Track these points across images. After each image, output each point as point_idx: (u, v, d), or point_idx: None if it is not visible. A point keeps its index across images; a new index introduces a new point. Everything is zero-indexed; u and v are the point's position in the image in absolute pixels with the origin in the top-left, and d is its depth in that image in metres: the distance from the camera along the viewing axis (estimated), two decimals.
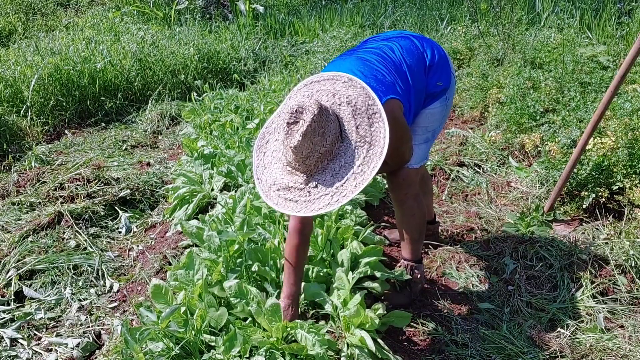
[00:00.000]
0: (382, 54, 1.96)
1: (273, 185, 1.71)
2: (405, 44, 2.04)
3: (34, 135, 4.72)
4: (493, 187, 3.27)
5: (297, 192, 1.65)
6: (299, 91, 1.79)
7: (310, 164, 1.62)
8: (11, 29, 8.55)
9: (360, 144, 1.63)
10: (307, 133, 1.57)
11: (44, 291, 2.57)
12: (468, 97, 4.39)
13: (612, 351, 2.02)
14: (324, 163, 1.64)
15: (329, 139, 1.61)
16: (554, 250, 2.57)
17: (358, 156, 1.62)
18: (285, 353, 1.87)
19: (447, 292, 2.44)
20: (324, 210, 1.60)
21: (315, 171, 1.64)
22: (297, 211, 1.63)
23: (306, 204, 1.63)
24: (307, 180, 1.64)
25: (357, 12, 7.16)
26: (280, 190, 1.68)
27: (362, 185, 1.58)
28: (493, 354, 2.05)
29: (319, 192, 1.62)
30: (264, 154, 1.80)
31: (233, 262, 2.27)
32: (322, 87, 1.75)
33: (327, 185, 1.61)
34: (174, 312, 1.88)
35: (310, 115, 1.57)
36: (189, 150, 3.90)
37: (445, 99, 2.11)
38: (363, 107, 1.66)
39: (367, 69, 1.85)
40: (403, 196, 2.14)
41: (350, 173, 1.60)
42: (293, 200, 1.65)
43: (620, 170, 2.72)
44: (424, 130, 2.13)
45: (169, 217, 3.18)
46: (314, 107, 1.59)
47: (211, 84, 5.64)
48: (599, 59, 4.12)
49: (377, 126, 1.64)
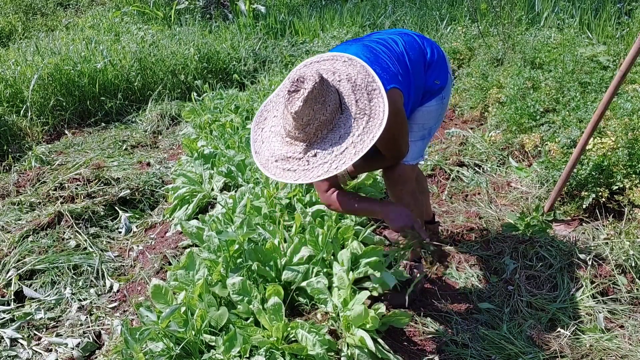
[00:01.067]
0: (387, 45, 1.99)
1: (271, 157, 1.73)
2: (408, 39, 2.07)
3: (34, 135, 4.72)
4: (493, 187, 3.27)
5: (295, 162, 1.67)
6: (299, 70, 1.82)
7: (310, 131, 1.64)
8: (11, 29, 8.55)
9: (360, 115, 1.65)
10: (308, 99, 1.59)
11: (44, 291, 2.57)
12: (468, 97, 4.39)
13: (612, 351, 2.02)
14: (323, 132, 1.66)
15: (329, 108, 1.63)
16: (554, 250, 2.57)
17: (357, 127, 1.64)
18: (286, 353, 1.87)
19: (447, 292, 2.44)
20: (322, 176, 1.61)
21: (315, 140, 1.66)
22: (295, 179, 1.65)
23: (304, 172, 1.65)
24: (306, 150, 1.66)
25: (357, 12, 7.16)
26: (279, 162, 1.70)
27: (361, 153, 1.60)
28: (493, 354, 2.05)
29: (317, 160, 1.64)
30: (262, 129, 1.83)
31: (233, 262, 2.27)
32: (322, 67, 1.77)
33: (326, 153, 1.63)
34: (174, 312, 1.88)
35: (312, 82, 1.60)
36: (189, 150, 3.90)
37: (442, 98, 2.13)
38: (362, 83, 1.69)
39: (373, 55, 1.88)
40: (399, 192, 2.16)
41: (349, 142, 1.62)
42: (291, 170, 1.67)
43: (620, 170, 2.72)
44: (420, 127, 2.15)
45: (169, 217, 3.18)
46: (315, 76, 1.62)
47: (211, 84, 5.64)
48: (599, 59, 4.12)
49: (376, 101, 1.67)
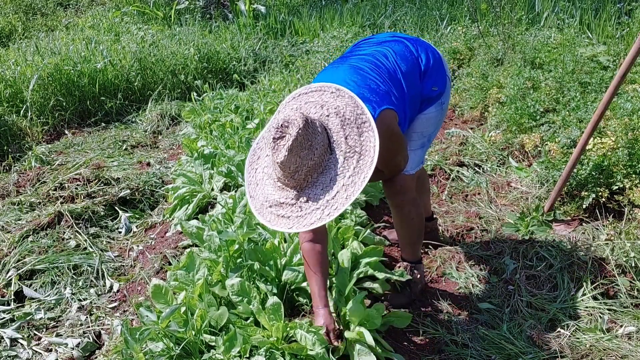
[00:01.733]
0: (375, 62, 1.93)
1: (265, 203, 1.68)
2: (398, 49, 2.00)
3: (34, 135, 4.72)
4: (493, 187, 3.27)
5: (288, 208, 1.62)
6: (287, 104, 1.77)
7: (300, 178, 1.59)
8: (11, 29, 8.55)
9: (350, 154, 1.60)
10: (293, 147, 1.54)
11: (44, 291, 2.57)
12: (468, 97, 4.39)
13: (612, 351, 2.02)
14: (313, 177, 1.61)
15: (317, 152, 1.58)
16: (554, 250, 2.57)
17: (348, 167, 1.59)
18: (285, 353, 1.87)
19: (447, 292, 2.44)
20: (315, 225, 1.57)
21: (305, 185, 1.61)
22: (289, 227, 1.61)
23: (298, 219, 1.60)
24: (297, 196, 1.61)
25: (357, 12, 7.16)
26: (272, 207, 1.65)
27: (353, 197, 1.56)
28: (493, 354, 2.05)
29: (310, 206, 1.59)
30: (256, 170, 1.77)
31: (233, 262, 2.27)
32: (311, 99, 1.72)
33: (318, 198, 1.58)
34: (174, 312, 1.88)
35: (296, 129, 1.54)
36: (189, 150, 3.90)
37: (441, 104, 2.08)
38: (352, 117, 1.63)
39: (361, 78, 1.82)
40: (400, 202, 2.13)
41: (340, 185, 1.58)
42: (285, 216, 1.62)
43: (620, 170, 2.72)
44: (419, 136, 2.11)
45: (169, 217, 3.18)
46: (299, 121, 1.56)
47: (211, 84, 5.64)
48: (599, 59, 4.12)
49: (366, 136, 1.61)
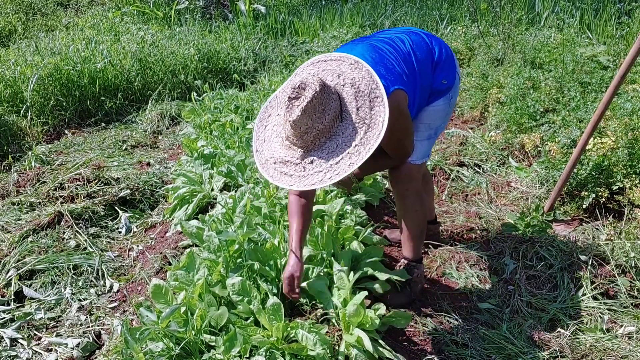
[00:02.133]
0: (393, 44, 1.99)
1: (270, 158, 1.74)
2: (415, 38, 2.06)
3: (34, 135, 4.72)
4: (493, 187, 3.27)
5: (292, 167, 1.68)
6: (306, 68, 1.82)
7: (308, 139, 1.65)
8: (11, 29, 8.56)
9: (359, 125, 1.65)
10: (306, 109, 1.60)
11: (44, 291, 2.57)
12: (468, 97, 4.39)
13: (612, 351, 2.02)
14: (321, 140, 1.66)
15: (328, 117, 1.64)
16: (554, 250, 2.57)
17: (355, 137, 1.64)
18: (285, 353, 1.87)
19: (447, 292, 2.44)
20: (316, 186, 1.63)
21: (312, 147, 1.67)
22: (290, 185, 1.67)
23: (300, 178, 1.66)
24: (303, 156, 1.67)
25: (357, 12, 7.16)
26: (277, 164, 1.71)
27: (356, 164, 1.61)
28: (493, 354, 2.05)
29: (313, 168, 1.65)
30: (265, 127, 1.83)
31: (233, 262, 2.27)
32: (329, 67, 1.77)
33: (322, 162, 1.64)
34: (174, 312, 1.88)
35: (312, 91, 1.60)
36: (189, 150, 3.90)
37: (449, 98, 2.12)
38: (366, 90, 1.68)
39: (378, 56, 1.87)
40: (404, 191, 2.16)
41: (345, 152, 1.63)
42: (288, 174, 1.68)
43: (620, 170, 2.72)
44: (426, 127, 2.14)
45: (169, 217, 3.18)
46: (315, 84, 1.62)
47: (211, 84, 5.64)
48: (599, 58, 4.12)
49: (377, 110, 1.66)
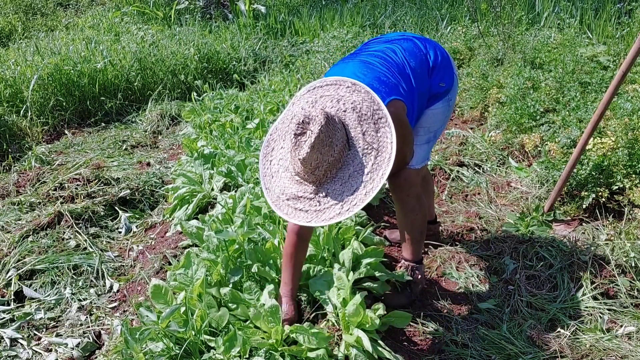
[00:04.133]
0: (384, 57, 1.96)
1: (282, 195, 1.69)
2: (407, 46, 2.03)
3: (34, 135, 4.72)
4: (493, 187, 3.27)
5: (307, 202, 1.64)
6: (302, 97, 1.78)
7: (320, 174, 1.62)
8: (11, 29, 8.56)
9: (368, 150, 1.62)
10: (315, 144, 1.56)
11: (44, 291, 2.57)
12: (468, 97, 4.39)
13: (612, 351, 2.02)
14: (332, 172, 1.63)
15: (337, 148, 1.60)
16: (554, 250, 2.57)
17: (366, 163, 1.61)
18: (285, 354, 1.87)
19: (447, 292, 2.44)
20: (334, 220, 1.59)
21: (325, 181, 1.63)
22: (307, 221, 1.63)
23: (317, 213, 1.62)
24: (316, 190, 1.64)
25: (357, 12, 7.16)
26: (290, 200, 1.67)
27: (373, 193, 1.58)
28: (493, 354, 2.05)
29: (329, 201, 1.61)
30: (270, 162, 1.78)
31: (233, 262, 2.27)
32: (326, 93, 1.73)
33: (337, 194, 1.61)
34: (174, 312, 1.88)
35: (318, 126, 1.57)
36: (189, 150, 3.90)
37: (448, 100, 2.11)
38: (368, 112, 1.65)
39: (370, 71, 1.85)
40: (405, 197, 2.14)
41: (359, 182, 1.60)
42: (303, 210, 1.64)
43: (620, 170, 2.72)
44: (426, 131, 2.14)
45: (169, 217, 3.18)
46: (320, 118, 1.58)
47: (211, 84, 5.64)
48: (599, 59, 4.12)
49: (383, 131, 1.63)
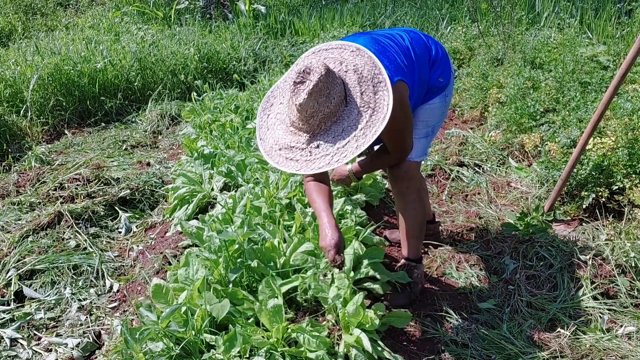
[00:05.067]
0: (394, 39, 2.02)
1: (275, 145, 1.75)
2: (413, 36, 2.10)
3: (34, 135, 4.72)
4: (493, 187, 3.27)
5: (298, 152, 1.69)
6: (307, 57, 1.83)
7: (314, 123, 1.66)
8: (11, 29, 8.56)
9: (364, 109, 1.67)
10: (312, 92, 1.62)
11: (44, 291, 2.57)
12: (468, 97, 4.39)
13: (612, 351, 2.02)
14: (327, 124, 1.68)
15: (334, 101, 1.65)
16: (554, 250, 2.57)
17: (361, 120, 1.66)
18: (285, 354, 1.87)
19: (447, 292, 2.44)
20: (323, 169, 1.64)
21: (318, 132, 1.68)
22: (297, 169, 1.68)
23: (307, 163, 1.67)
24: (309, 140, 1.68)
25: (357, 12, 7.16)
26: (282, 150, 1.73)
27: (363, 147, 1.63)
28: (493, 354, 2.05)
29: (320, 152, 1.66)
30: (268, 116, 1.84)
31: (233, 262, 2.27)
32: (330, 55, 1.79)
33: (329, 146, 1.66)
34: (174, 312, 1.88)
35: (317, 75, 1.62)
36: (189, 150, 3.90)
37: (445, 96, 2.15)
38: (369, 75, 1.70)
39: (381, 47, 1.90)
40: (404, 188, 2.18)
41: (352, 135, 1.64)
42: (294, 159, 1.70)
43: (620, 170, 2.72)
44: (424, 125, 2.17)
45: (169, 217, 3.18)
46: (321, 68, 1.63)
47: (211, 84, 5.64)
48: (599, 58, 4.12)
49: (381, 94, 1.68)
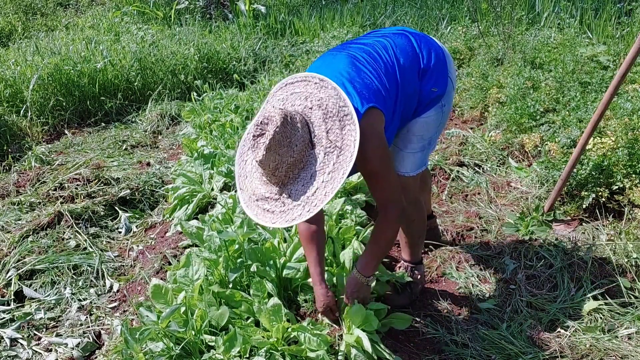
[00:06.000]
0: (373, 53, 1.89)
1: (253, 196, 1.70)
2: (400, 42, 1.95)
3: (34, 135, 4.72)
4: (493, 187, 3.27)
5: (273, 203, 1.64)
6: (275, 95, 1.78)
7: (281, 175, 1.61)
8: (11, 29, 8.55)
9: (330, 149, 1.60)
10: (271, 146, 1.55)
11: (44, 291, 2.57)
12: (468, 97, 4.39)
13: (612, 351, 2.02)
14: (294, 172, 1.62)
15: (297, 148, 1.59)
16: (554, 250, 2.57)
17: (328, 163, 1.59)
18: (285, 354, 1.87)
19: (447, 292, 2.44)
20: (297, 220, 1.59)
21: (287, 181, 1.62)
22: (273, 222, 1.63)
23: (281, 214, 1.62)
24: (280, 191, 1.63)
25: (357, 12, 7.16)
26: (259, 201, 1.67)
27: (332, 193, 1.57)
28: (493, 354, 2.05)
29: (292, 202, 1.61)
30: (245, 162, 1.77)
31: (233, 262, 2.27)
32: (296, 90, 1.73)
33: (299, 194, 1.60)
34: (174, 312, 1.88)
35: (273, 127, 1.55)
36: (189, 150, 3.90)
37: (441, 106, 2.01)
38: (334, 109, 1.63)
39: (355, 70, 1.80)
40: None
41: (320, 181, 1.58)
42: (270, 210, 1.65)
43: (620, 170, 2.72)
44: (419, 139, 2.04)
45: (169, 217, 3.18)
46: (277, 118, 1.56)
47: (211, 84, 5.64)
48: (599, 58, 4.11)
49: (348, 129, 1.61)
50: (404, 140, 2.03)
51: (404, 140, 2.03)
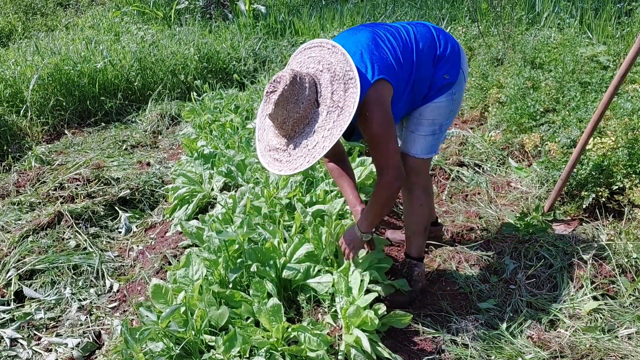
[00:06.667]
0: (395, 33, 2.04)
1: (267, 147, 1.91)
2: (421, 30, 2.10)
3: (34, 135, 4.72)
4: (493, 187, 3.27)
5: (281, 153, 1.85)
6: (295, 58, 1.97)
7: (287, 128, 1.80)
8: (11, 29, 8.56)
9: (333, 109, 1.77)
10: (279, 102, 1.74)
11: (44, 291, 2.57)
12: (468, 97, 4.39)
13: (612, 351, 2.02)
14: (300, 127, 1.80)
15: (303, 105, 1.77)
16: (554, 250, 2.57)
17: (329, 120, 1.77)
18: (285, 354, 1.87)
19: (447, 292, 2.44)
20: (299, 169, 1.78)
21: (294, 135, 1.82)
22: (279, 170, 1.83)
23: (287, 163, 1.82)
24: (287, 143, 1.83)
25: (357, 12, 7.16)
26: (271, 151, 1.88)
27: (329, 147, 1.74)
28: (493, 354, 2.05)
29: (297, 153, 1.80)
30: (265, 117, 1.94)
31: (233, 262, 2.27)
32: (312, 54, 1.92)
33: (303, 147, 1.80)
34: (174, 312, 1.88)
35: (283, 85, 1.74)
36: (189, 150, 3.90)
37: (452, 94, 2.10)
38: (341, 72, 1.79)
39: (374, 44, 1.94)
40: (410, 184, 2.19)
41: (320, 137, 1.77)
42: (279, 160, 1.85)
43: (620, 170, 2.72)
44: (430, 123, 2.13)
45: (169, 217, 3.18)
46: (287, 77, 1.75)
47: (211, 84, 5.64)
48: (599, 58, 4.11)
49: (351, 91, 1.77)
50: (416, 124, 2.15)
51: (416, 124, 2.15)
